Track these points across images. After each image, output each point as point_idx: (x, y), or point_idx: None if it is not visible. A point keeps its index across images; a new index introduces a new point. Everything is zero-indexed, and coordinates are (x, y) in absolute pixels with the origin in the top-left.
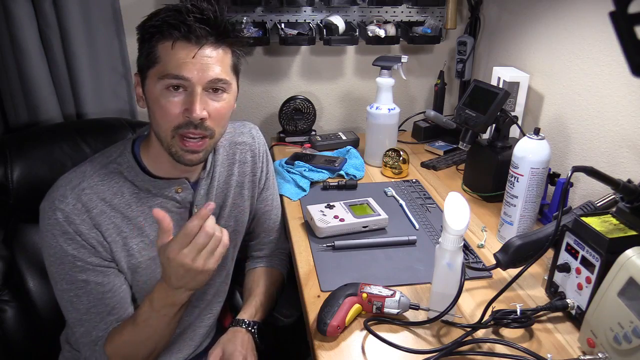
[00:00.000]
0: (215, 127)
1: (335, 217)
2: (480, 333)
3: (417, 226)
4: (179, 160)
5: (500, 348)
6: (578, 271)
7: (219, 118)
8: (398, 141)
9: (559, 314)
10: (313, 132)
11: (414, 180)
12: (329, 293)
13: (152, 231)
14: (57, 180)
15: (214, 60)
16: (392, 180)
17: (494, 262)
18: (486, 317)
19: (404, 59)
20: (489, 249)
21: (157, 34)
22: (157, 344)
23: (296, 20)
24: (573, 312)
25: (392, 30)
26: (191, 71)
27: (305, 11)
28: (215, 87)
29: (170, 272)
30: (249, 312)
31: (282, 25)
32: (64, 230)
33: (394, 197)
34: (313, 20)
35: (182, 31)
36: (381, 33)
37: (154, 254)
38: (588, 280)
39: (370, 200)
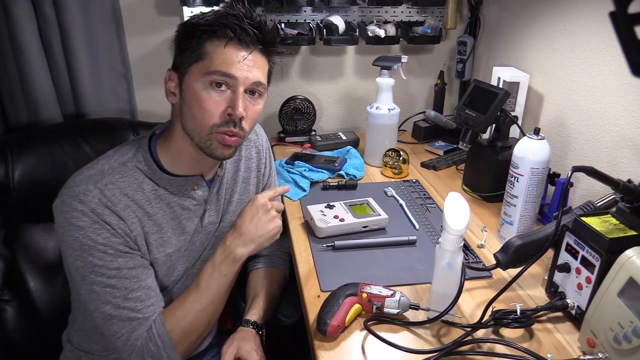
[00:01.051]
0: (248, 128)
1: (335, 217)
2: (480, 333)
3: (417, 226)
4: (212, 155)
5: (500, 348)
6: (578, 271)
7: (252, 121)
8: (398, 141)
9: (559, 314)
10: (313, 132)
11: (414, 180)
12: (329, 293)
13: (169, 228)
14: (59, 185)
15: (258, 65)
16: (392, 180)
17: (494, 262)
18: (486, 317)
19: (404, 59)
20: (489, 249)
21: (208, 32)
22: (215, 311)
23: (296, 20)
24: (573, 312)
25: (392, 30)
26: (239, 71)
27: (305, 11)
28: (254, 90)
29: (249, 213)
30: (257, 314)
31: (282, 25)
32: (93, 220)
33: (394, 197)
34: (313, 20)
35: (236, 33)
36: (381, 33)
37: (170, 250)
38: (588, 280)
39: (370, 200)
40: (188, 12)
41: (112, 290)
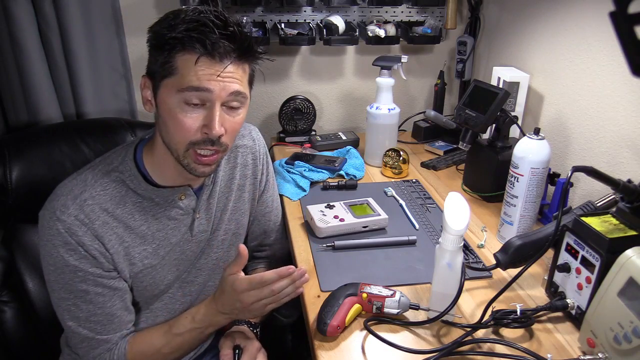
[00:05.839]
0: (229, 142)
1: (335, 217)
2: (480, 333)
3: (417, 226)
4: (191, 172)
5: (500, 348)
6: (578, 271)
7: (233, 133)
8: (398, 141)
9: (559, 314)
10: (313, 132)
11: (414, 180)
12: (329, 293)
13: (154, 239)
14: (56, 186)
15: (235, 76)
16: (392, 180)
17: (494, 262)
18: (486, 317)
19: (404, 59)
20: (489, 249)
21: (177, 46)
22: (182, 355)
23: (296, 20)
24: (573, 312)
25: (392, 30)
26: (214, 85)
27: (305, 11)
28: (233, 101)
29: (228, 300)
30: None
31: (282, 25)
32: (65, 241)
33: (394, 197)
34: (313, 20)
35: (207, 47)
36: (381, 33)
37: (155, 262)
38: (588, 280)
39: (370, 200)
40: None
41: (76, 309)
